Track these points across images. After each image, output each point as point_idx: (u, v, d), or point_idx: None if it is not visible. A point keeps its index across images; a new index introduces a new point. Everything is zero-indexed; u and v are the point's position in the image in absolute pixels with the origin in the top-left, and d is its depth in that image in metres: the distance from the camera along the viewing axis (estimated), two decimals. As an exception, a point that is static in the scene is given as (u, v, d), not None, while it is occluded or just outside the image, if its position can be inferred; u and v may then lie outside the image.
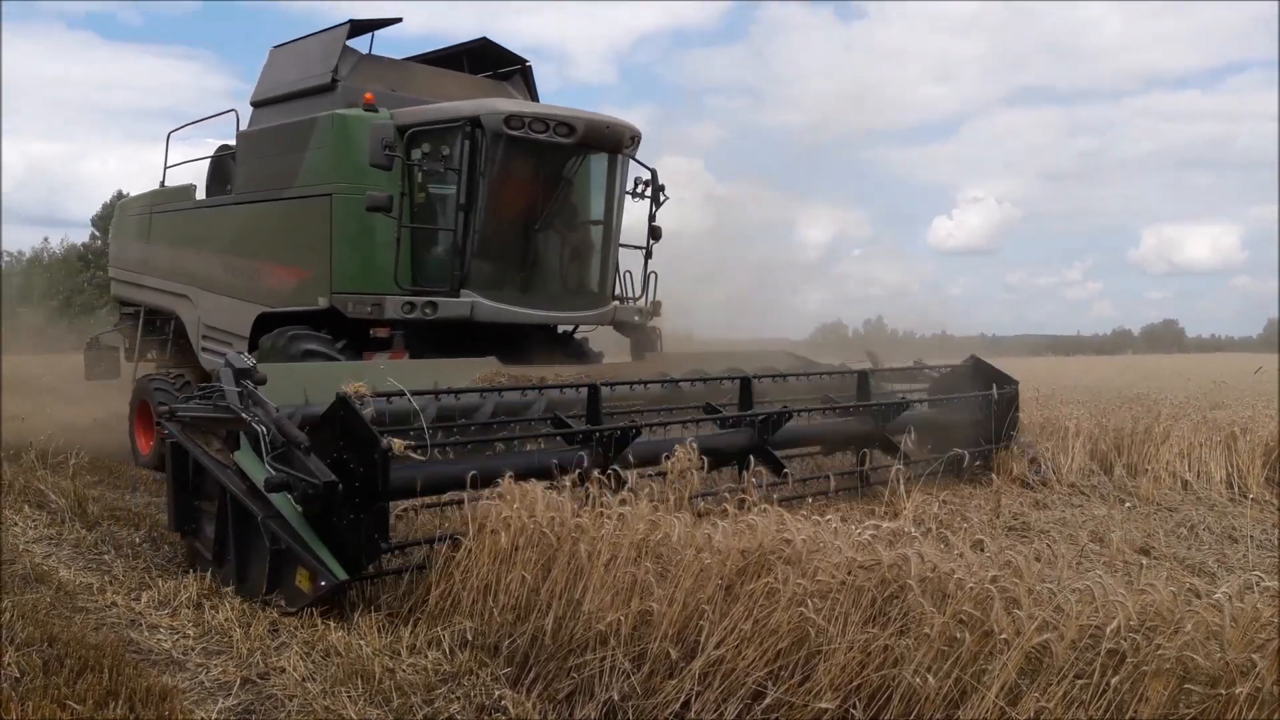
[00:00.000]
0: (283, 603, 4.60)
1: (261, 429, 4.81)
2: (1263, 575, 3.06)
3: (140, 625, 4.61)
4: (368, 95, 8.34)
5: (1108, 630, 2.73)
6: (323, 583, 4.45)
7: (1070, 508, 7.41)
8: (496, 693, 3.48)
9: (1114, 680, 2.63)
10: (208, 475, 5.34)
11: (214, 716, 3.34)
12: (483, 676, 3.76)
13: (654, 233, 9.30)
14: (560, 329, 9.34)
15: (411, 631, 4.32)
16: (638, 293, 9.27)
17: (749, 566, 3.63)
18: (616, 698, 3.48)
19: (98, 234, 65.39)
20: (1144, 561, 4.27)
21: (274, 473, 4.70)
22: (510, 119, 7.87)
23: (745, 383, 6.90)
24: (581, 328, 9.49)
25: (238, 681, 3.88)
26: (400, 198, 7.81)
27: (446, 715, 3.32)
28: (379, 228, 7.99)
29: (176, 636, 4.44)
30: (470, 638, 4.11)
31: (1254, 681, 2.44)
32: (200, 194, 10.40)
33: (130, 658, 4.09)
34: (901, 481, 6.43)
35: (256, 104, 9.73)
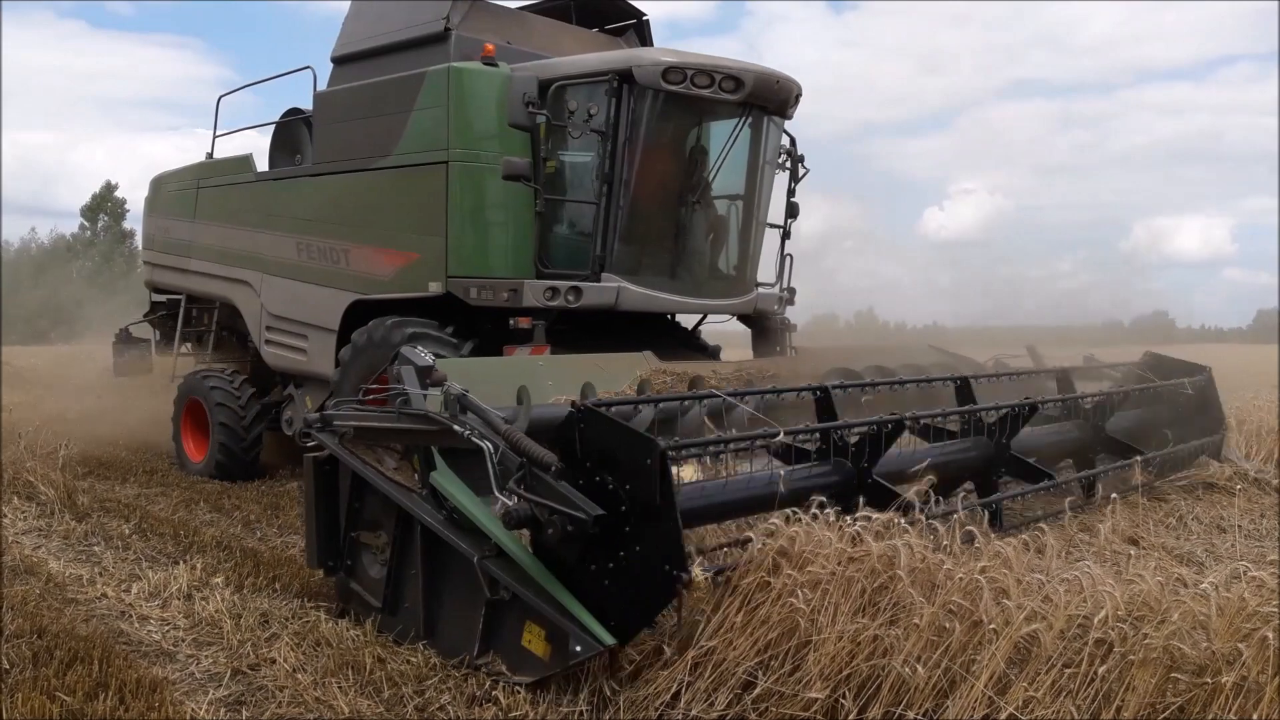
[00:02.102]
0: (503, 669, 3.76)
1: (487, 445, 3.86)
2: (1249, 565, 3.09)
3: (130, 617, 4.59)
4: (488, 46, 7.20)
5: (1095, 620, 2.74)
6: (577, 647, 3.50)
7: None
8: (488, 684, 3.46)
9: (1101, 669, 2.63)
10: (376, 501, 4.39)
11: (204, 708, 3.33)
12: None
13: (792, 210, 8.30)
14: (674, 318, 8.38)
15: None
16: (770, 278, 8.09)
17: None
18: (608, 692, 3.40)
19: (86, 224, 64.87)
20: (1131, 552, 4.29)
21: (513, 503, 3.68)
22: (670, 72, 6.77)
23: (965, 384, 6.00)
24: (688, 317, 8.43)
25: (228, 673, 3.87)
26: (542, 164, 6.82)
27: (437, 706, 3.34)
28: (507, 200, 7.01)
29: (167, 628, 4.44)
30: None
31: (1240, 670, 2.47)
32: (261, 165, 9.19)
33: (120, 649, 4.07)
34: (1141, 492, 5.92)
35: (339, 60, 8.48)
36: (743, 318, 8.02)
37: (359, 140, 7.76)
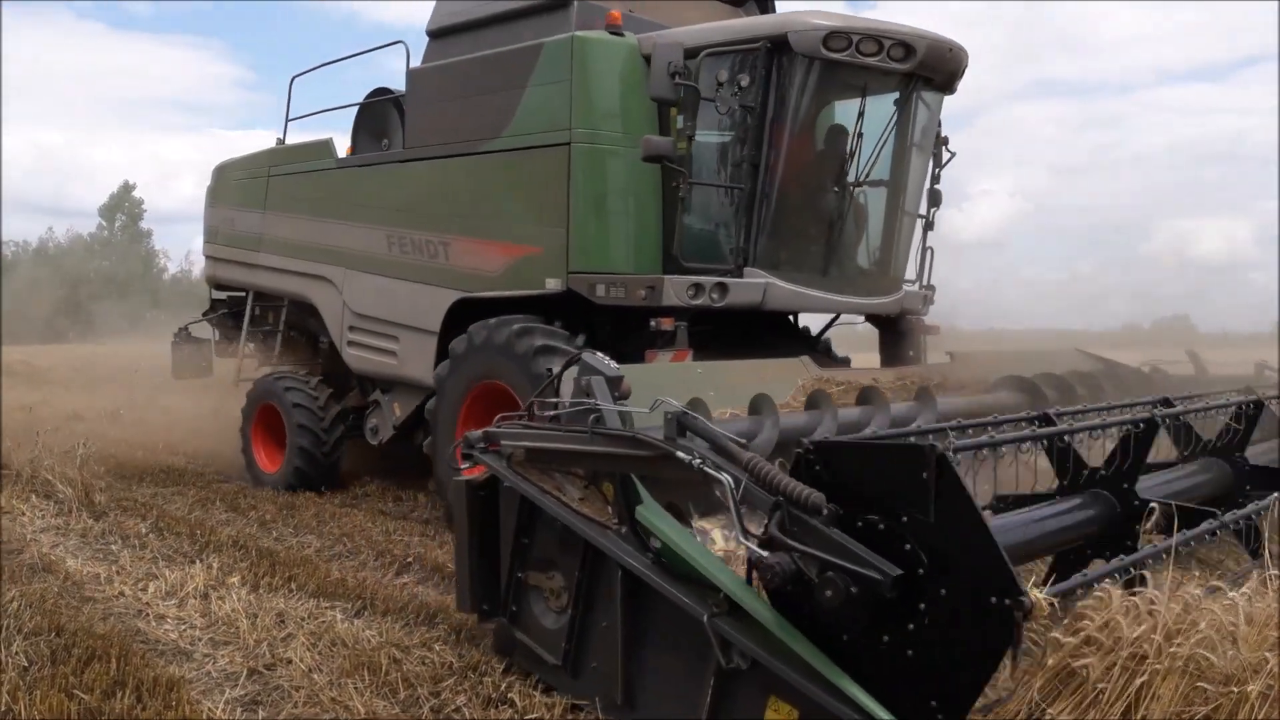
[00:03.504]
0: None
1: (726, 479, 3.20)
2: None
3: (147, 615, 5.15)
4: (614, 13, 6.80)
5: (1134, 636, 2.95)
6: None
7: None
8: (504, 685, 3.44)
9: (1137, 682, 2.88)
10: (552, 536, 3.96)
11: (221, 707, 3.74)
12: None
13: (934, 198, 7.73)
14: (797, 318, 8.06)
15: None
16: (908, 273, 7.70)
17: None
18: None
19: (104, 223, 65.69)
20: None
21: (767, 555, 3.04)
22: (832, 37, 6.31)
23: (1257, 407, 5.08)
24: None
25: (244, 672, 4.32)
26: (688, 144, 6.44)
27: (453, 707, 3.54)
28: (634, 186, 6.65)
29: (184, 627, 4.97)
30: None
31: (1266, 679, 2.41)
32: (343, 150, 8.91)
33: (137, 648, 4.61)
34: None
35: (436, 33, 8.07)
36: (872, 318, 7.70)
37: (461, 121, 7.47)
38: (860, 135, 6.79)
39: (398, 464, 8.81)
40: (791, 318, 8.05)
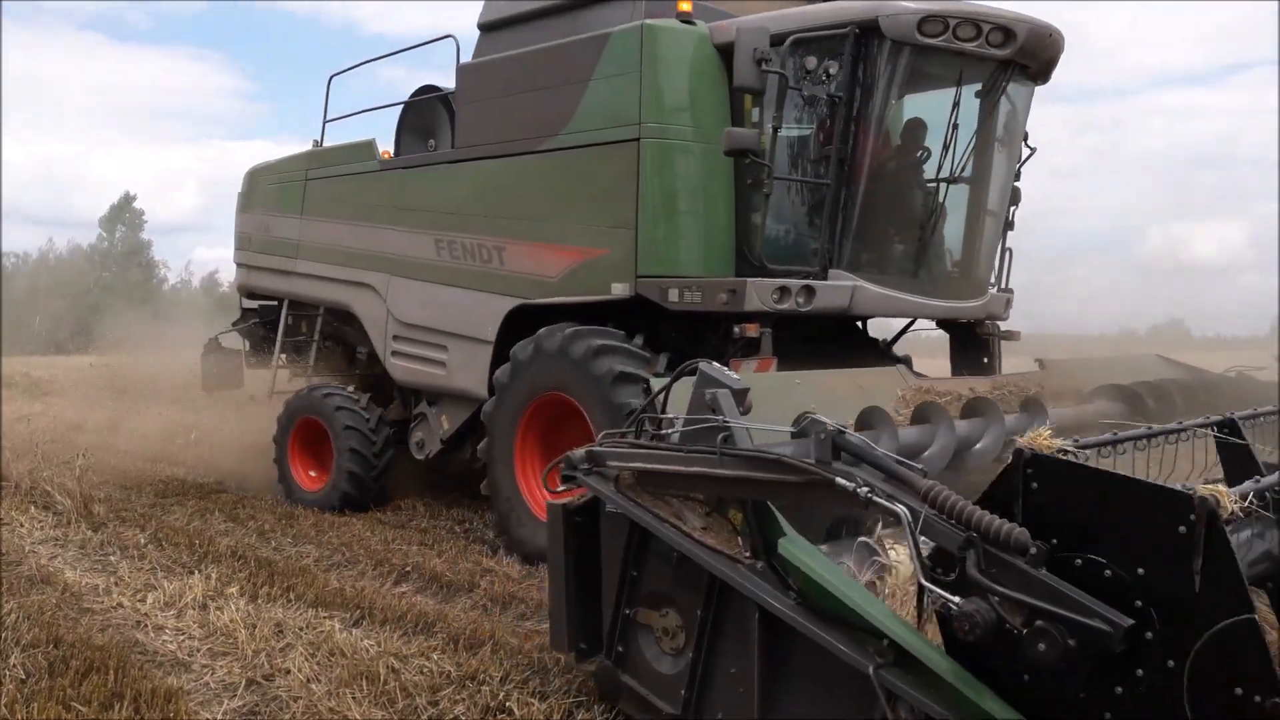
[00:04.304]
0: None
1: (903, 511, 2.89)
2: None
3: (146, 626, 5.38)
4: (684, 1, 6.72)
5: None
6: None
7: None
8: (502, 694, 3.42)
9: None
10: (666, 568, 3.64)
11: (219, 718, 3.90)
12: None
13: (1015, 195, 7.64)
14: (865, 323, 8.05)
15: None
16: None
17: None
18: None
19: (104, 234, 65.92)
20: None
21: (961, 602, 2.70)
22: (927, 22, 6.15)
23: None
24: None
25: (243, 683, 4.52)
26: (772, 136, 6.32)
27: (451, 717, 3.91)
28: (706, 183, 6.60)
29: (182, 638, 5.18)
30: None
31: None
32: (386, 151, 9.11)
33: (136, 659, 4.84)
34: None
35: (488, 27, 8.12)
36: (944, 323, 7.58)
37: (517, 118, 7.44)
38: (956, 127, 6.66)
39: (427, 476, 8.97)
40: (861, 323, 7.98)
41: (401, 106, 8.84)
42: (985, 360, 7.63)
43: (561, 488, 3.92)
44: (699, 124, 6.55)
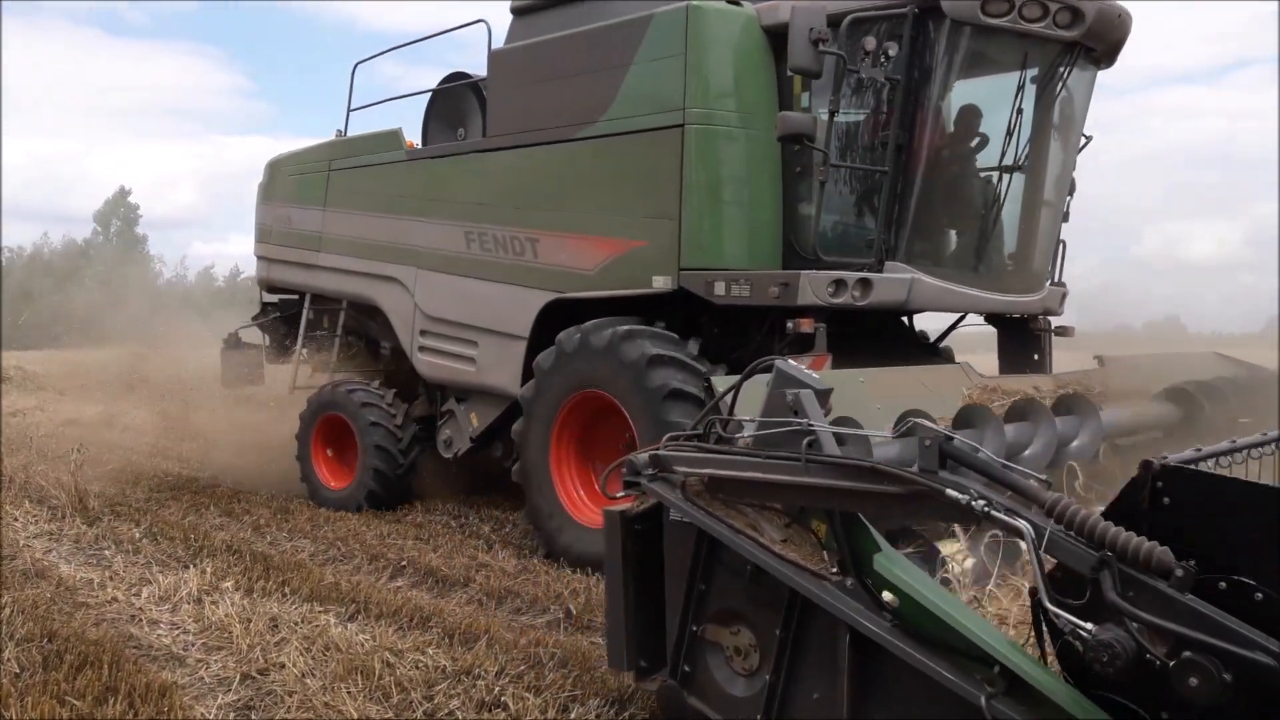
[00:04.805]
0: None
1: (1025, 527, 2.64)
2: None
3: (140, 621, 5.50)
4: None
5: None
6: None
7: None
8: (497, 689, 3.42)
9: None
10: (738, 583, 3.40)
11: (213, 712, 4.18)
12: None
13: (1071, 186, 7.55)
14: (912, 318, 8.01)
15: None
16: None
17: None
18: None
19: (99, 229, 65.93)
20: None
21: (1095, 630, 2.47)
22: (991, 1, 5.99)
23: None
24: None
25: (237, 677, 4.62)
26: (830, 120, 6.22)
27: (447, 711, 3.75)
28: (758, 172, 6.48)
29: (177, 632, 5.30)
30: None
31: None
32: (413, 141, 9.03)
33: (130, 653, 4.97)
34: None
35: (521, 10, 8.00)
36: (992, 318, 7.41)
37: (553, 105, 7.35)
38: (1019, 112, 6.47)
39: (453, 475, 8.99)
40: (906, 318, 7.87)
41: (429, 95, 8.66)
42: (1035, 357, 7.36)
43: (621, 493, 3.65)
44: (745, 109, 6.46)
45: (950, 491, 2.75)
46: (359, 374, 9.12)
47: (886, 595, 2.79)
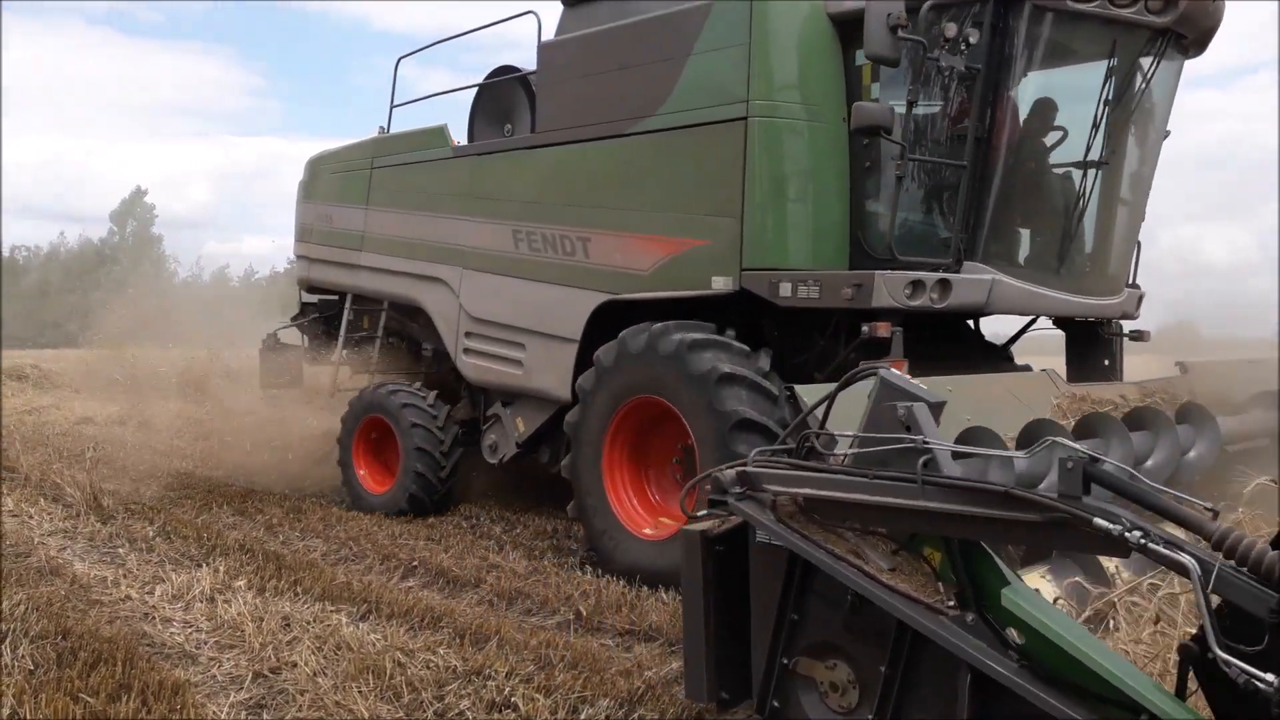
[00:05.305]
0: None
1: (1191, 563, 2.36)
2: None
3: (154, 619, 5.63)
4: None
5: None
6: None
7: None
8: (507, 689, 3.41)
9: None
10: (835, 613, 3.16)
11: (225, 710, 4.25)
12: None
13: (1149, 183, 7.63)
14: (977, 322, 7.88)
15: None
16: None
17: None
18: None
19: (115, 229, 66.48)
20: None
21: (1273, 682, 2.19)
22: None
23: None
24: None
25: (249, 676, 4.78)
26: (908, 111, 5.91)
27: (457, 712, 3.80)
28: (824, 167, 6.24)
29: (189, 630, 5.44)
30: None
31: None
32: (459, 138, 9.00)
33: (143, 651, 5.14)
34: None
35: (573, 1, 7.89)
36: (1060, 321, 7.21)
37: (606, 99, 7.22)
38: (1107, 103, 6.34)
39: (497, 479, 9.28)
40: (971, 322, 7.67)
41: (474, 90, 8.47)
42: (1106, 363, 7.10)
43: (702, 512, 3.36)
44: (811, 101, 6.27)
45: (1099, 520, 2.46)
46: (401, 376, 8.94)
47: (1011, 632, 2.56)
